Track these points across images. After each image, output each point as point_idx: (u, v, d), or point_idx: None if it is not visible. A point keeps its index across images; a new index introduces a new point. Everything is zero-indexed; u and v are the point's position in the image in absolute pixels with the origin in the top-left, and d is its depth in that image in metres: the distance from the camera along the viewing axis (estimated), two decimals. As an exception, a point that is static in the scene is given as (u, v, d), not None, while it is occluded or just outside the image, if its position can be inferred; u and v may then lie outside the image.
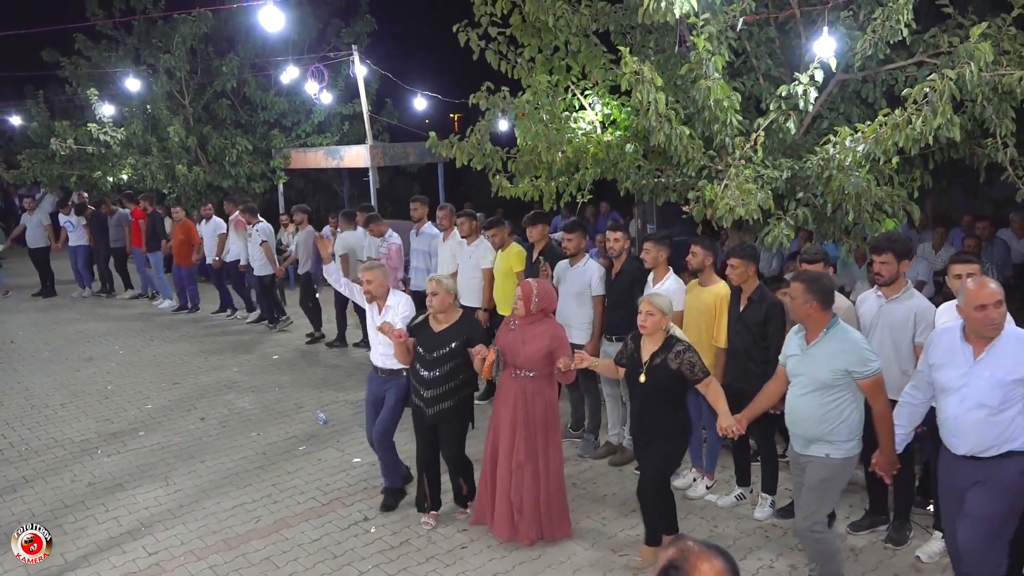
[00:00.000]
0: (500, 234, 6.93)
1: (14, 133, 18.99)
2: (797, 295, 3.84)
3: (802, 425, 3.87)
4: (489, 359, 4.65)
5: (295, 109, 14.57)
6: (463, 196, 15.51)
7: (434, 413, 4.85)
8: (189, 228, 11.47)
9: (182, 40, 13.24)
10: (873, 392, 3.77)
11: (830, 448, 3.81)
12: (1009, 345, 3.41)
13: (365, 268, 5.27)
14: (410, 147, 13.06)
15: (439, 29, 7.07)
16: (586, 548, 4.76)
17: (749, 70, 6.52)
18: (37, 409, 7.55)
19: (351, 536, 4.97)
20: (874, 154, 5.15)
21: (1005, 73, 5.07)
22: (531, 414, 4.69)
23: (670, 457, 4.47)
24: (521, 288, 4.80)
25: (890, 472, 3.92)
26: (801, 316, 3.87)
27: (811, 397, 3.82)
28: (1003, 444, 3.42)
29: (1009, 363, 3.38)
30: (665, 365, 4.28)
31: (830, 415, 3.78)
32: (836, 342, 3.78)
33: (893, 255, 4.45)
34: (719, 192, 5.33)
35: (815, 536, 3.90)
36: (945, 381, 3.57)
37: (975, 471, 3.49)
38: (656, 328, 4.32)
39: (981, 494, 3.48)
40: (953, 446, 3.57)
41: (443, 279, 4.94)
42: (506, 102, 6.37)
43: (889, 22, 5.34)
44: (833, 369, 3.75)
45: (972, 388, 3.45)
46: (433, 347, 4.82)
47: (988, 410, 3.41)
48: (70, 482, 5.88)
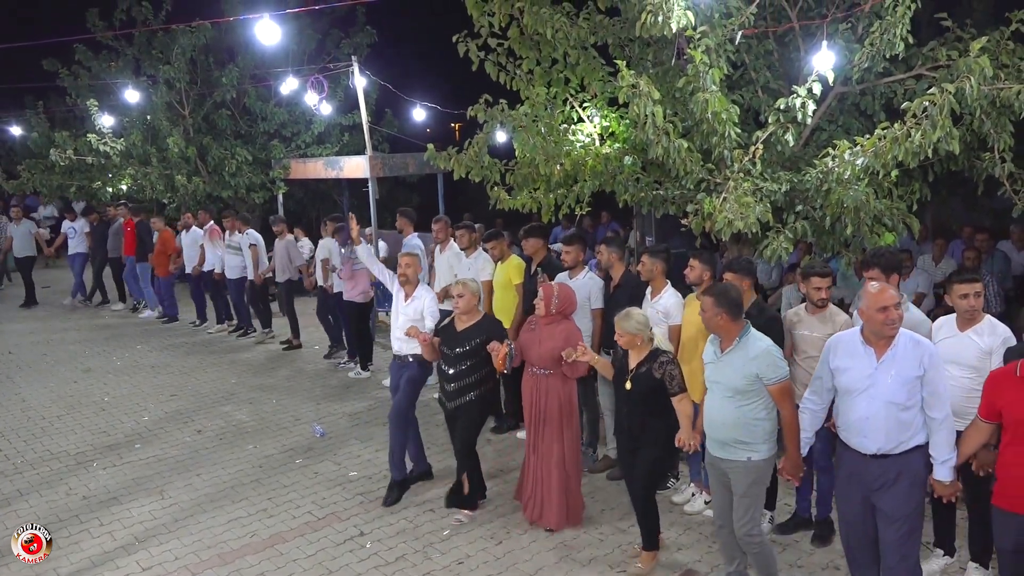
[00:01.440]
0: (499, 246, 6.92)
1: (14, 143, 19.01)
2: (707, 308, 3.97)
3: (720, 430, 4.00)
4: (502, 352, 4.94)
5: (295, 120, 14.56)
6: (463, 207, 15.49)
7: (454, 407, 5.26)
8: (166, 238, 11.55)
9: (182, 51, 13.25)
10: (780, 397, 3.91)
11: (751, 452, 3.94)
12: (907, 346, 3.59)
13: (402, 255, 5.78)
14: (410, 158, 13.04)
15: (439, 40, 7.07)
16: (583, 565, 4.72)
17: (748, 83, 6.52)
18: (33, 421, 7.52)
19: (347, 552, 4.93)
20: (873, 167, 5.14)
21: (1003, 87, 5.07)
22: (547, 409, 5.06)
23: (657, 465, 4.59)
24: (543, 290, 5.11)
25: (797, 475, 4.07)
26: (713, 328, 4.01)
27: (728, 402, 3.95)
28: (911, 439, 3.61)
29: (910, 362, 3.55)
30: (649, 374, 4.44)
31: (746, 419, 3.92)
32: (748, 349, 3.92)
33: (880, 270, 4.44)
34: (718, 205, 5.32)
35: (754, 540, 4.04)
36: (850, 383, 3.69)
37: (885, 469, 3.62)
38: (630, 345, 4.51)
39: (899, 493, 3.62)
40: (863, 446, 3.68)
41: (470, 282, 5.32)
42: (504, 114, 6.36)
43: (887, 35, 5.34)
44: (746, 375, 3.89)
45: (879, 388, 3.59)
46: (455, 344, 5.21)
47: (897, 407, 3.57)
48: (65, 495, 5.85)
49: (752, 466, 3.96)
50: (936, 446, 3.63)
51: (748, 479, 3.97)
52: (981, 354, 4.16)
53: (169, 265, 11.56)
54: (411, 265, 5.67)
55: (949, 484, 3.68)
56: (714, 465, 4.13)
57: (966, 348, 4.18)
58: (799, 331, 4.79)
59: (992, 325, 4.22)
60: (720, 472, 4.10)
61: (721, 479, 4.11)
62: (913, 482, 3.63)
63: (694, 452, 4.58)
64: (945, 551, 4.51)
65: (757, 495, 4.03)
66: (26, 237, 13.10)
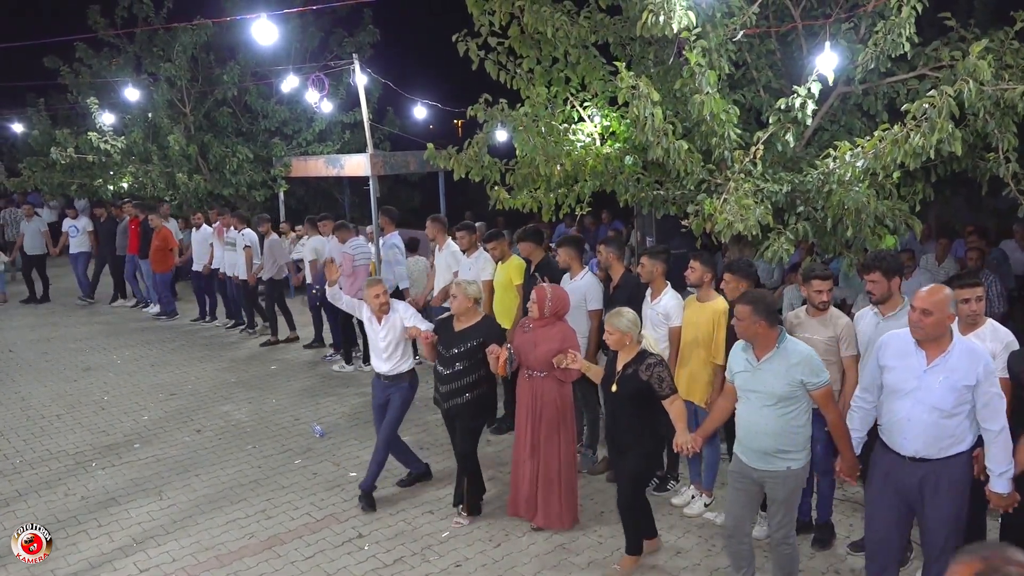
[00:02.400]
0: (500, 247, 6.90)
1: (16, 140, 19.01)
2: (744, 316, 3.90)
3: (760, 440, 3.93)
4: (502, 357, 4.95)
5: (296, 117, 14.55)
6: (464, 206, 15.45)
7: (449, 407, 5.25)
8: (166, 235, 11.57)
9: (183, 49, 13.24)
10: (824, 402, 3.90)
11: (790, 461, 3.91)
12: (961, 354, 3.55)
13: (370, 285, 5.50)
14: (411, 156, 13.01)
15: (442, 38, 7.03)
16: (582, 568, 4.70)
17: (749, 82, 6.47)
18: (33, 420, 7.51)
19: (345, 554, 4.91)
20: (874, 169, 5.10)
21: (1007, 88, 5.02)
22: (542, 411, 5.04)
23: (643, 467, 4.61)
24: (536, 292, 5.09)
25: (854, 475, 4.02)
26: (750, 336, 3.94)
27: (769, 411, 3.88)
28: (952, 446, 3.59)
29: (963, 370, 3.52)
30: (636, 376, 4.44)
31: (788, 427, 3.88)
32: (789, 355, 3.88)
33: (881, 273, 4.40)
34: (718, 206, 5.28)
35: (789, 542, 4.05)
36: (896, 383, 3.68)
37: (924, 472, 3.62)
38: (619, 344, 4.51)
39: (940, 499, 3.61)
40: (902, 447, 3.68)
41: (464, 284, 5.29)
42: (504, 114, 6.33)
43: (891, 35, 5.29)
44: (789, 382, 3.84)
45: (925, 392, 3.57)
46: (451, 345, 5.19)
47: (940, 413, 3.55)
48: (63, 496, 5.83)
49: (791, 475, 3.93)
50: (993, 459, 3.58)
51: (788, 487, 3.95)
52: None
53: (170, 261, 11.57)
54: (383, 294, 5.45)
55: (1007, 496, 3.62)
56: (745, 475, 4.03)
57: None
58: (800, 334, 4.74)
59: (994, 329, 4.18)
60: (751, 482, 4.02)
61: (747, 488, 4.05)
62: (953, 488, 3.60)
63: (694, 455, 4.54)
64: None
65: (794, 501, 4.06)
66: (37, 235, 13.11)
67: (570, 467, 5.15)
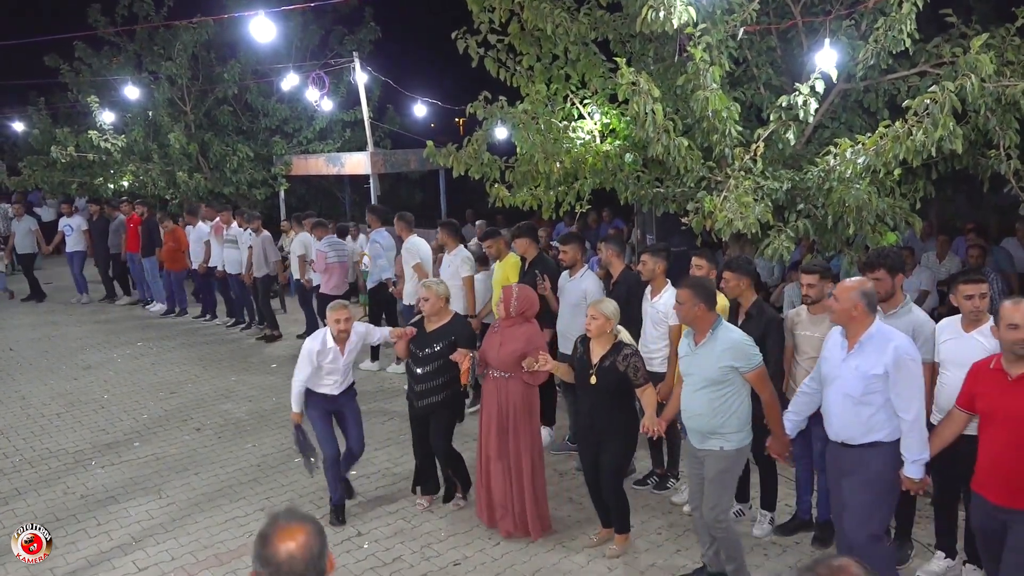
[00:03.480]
0: (496, 245, 6.91)
1: (17, 139, 19.01)
2: (685, 300, 4.08)
3: (697, 420, 4.12)
4: (464, 365, 4.99)
5: (297, 116, 14.55)
6: (465, 204, 15.43)
7: (423, 406, 5.23)
8: (179, 235, 11.60)
9: (183, 47, 13.23)
10: (759, 383, 4.09)
11: (723, 441, 4.08)
12: (873, 343, 3.72)
13: (333, 308, 5.21)
14: (411, 154, 13.03)
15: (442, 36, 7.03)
16: (582, 566, 4.68)
17: (750, 79, 6.46)
18: (33, 419, 7.51)
19: (344, 552, 4.90)
20: (875, 166, 5.08)
21: (1009, 84, 5.00)
22: (506, 413, 4.95)
23: (623, 455, 4.74)
24: (503, 292, 5.08)
25: (783, 454, 4.27)
26: (690, 320, 4.12)
27: (703, 393, 4.07)
28: (867, 434, 3.75)
29: (873, 359, 3.70)
30: (613, 367, 4.51)
31: (721, 408, 4.04)
32: (721, 341, 4.05)
33: (885, 270, 4.38)
34: (718, 204, 5.26)
35: (721, 525, 4.14)
36: (825, 371, 3.94)
37: (849, 458, 3.83)
38: (601, 332, 4.56)
39: (853, 484, 3.82)
40: (829, 432, 3.93)
41: (433, 284, 5.26)
42: (504, 111, 6.31)
43: (891, 32, 5.28)
44: (720, 366, 4.02)
45: (842, 380, 3.79)
46: (423, 345, 5.18)
47: (852, 400, 3.75)
48: (63, 494, 5.83)
49: (723, 455, 4.09)
50: (907, 447, 3.73)
51: (719, 466, 4.11)
52: (987, 355, 4.08)
53: (185, 260, 11.63)
54: (346, 321, 5.13)
55: (919, 481, 3.77)
56: (693, 454, 4.28)
57: (971, 349, 4.08)
58: (800, 331, 4.73)
59: None
60: (697, 461, 4.24)
61: (698, 468, 4.25)
62: (869, 475, 3.77)
63: (658, 437, 4.65)
64: (946, 553, 4.46)
65: (727, 483, 4.16)
66: (27, 234, 13.10)
67: (539, 472, 5.02)
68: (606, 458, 4.63)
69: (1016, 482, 3.44)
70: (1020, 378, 3.45)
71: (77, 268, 13.09)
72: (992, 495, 3.53)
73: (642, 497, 5.53)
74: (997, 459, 3.49)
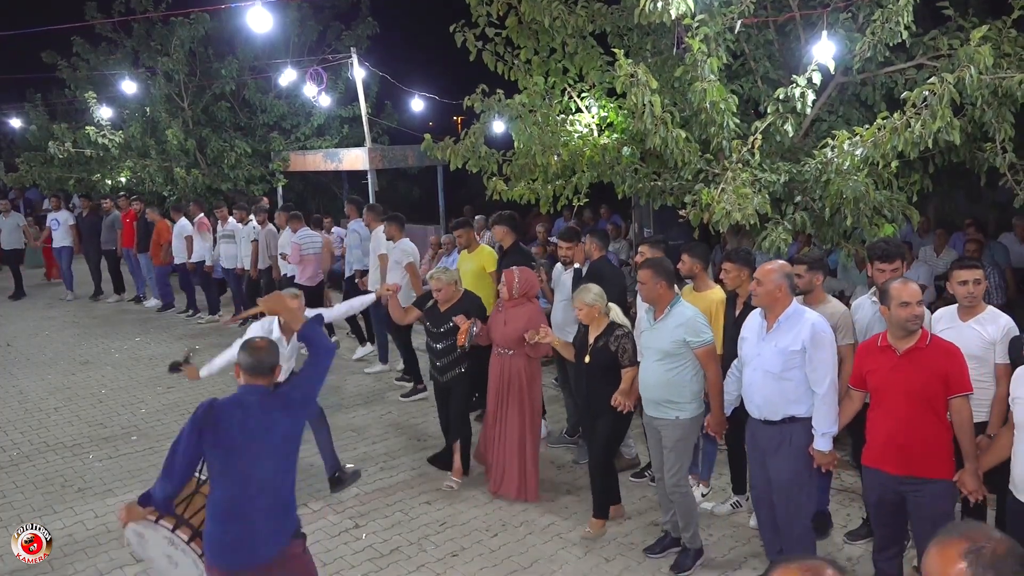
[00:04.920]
0: (466, 235, 7.04)
1: (15, 136, 18.98)
2: (647, 280, 4.36)
3: (652, 391, 4.42)
4: (464, 327, 5.31)
5: (295, 112, 14.53)
6: (464, 199, 15.41)
7: (447, 379, 5.61)
8: (161, 229, 11.62)
9: (180, 43, 13.20)
10: (705, 359, 4.33)
11: (678, 411, 4.36)
12: (789, 321, 3.92)
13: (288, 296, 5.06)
14: (409, 150, 13.01)
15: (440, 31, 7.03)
16: (579, 557, 4.69)
17: (747, 72, 6.46)
18: (31, 413, 7.50)
19: (341, 543, 4.90)
20: (873, 158, 5.08)
21: (1005, 76, 5.00)
22: (510, 388, 5.32)
23: (614, 433, 4.90)
24: (505, 276, 5.39)
25: (720, 432, 4.50)
26: (653, 297, 4.40)
27: (658, 365, 4.37)
28: (786, 408, 3.93)
29: (790, 336, 3.90)
30: (606, 347, 4.75)
31: (674, 380, 4.33)
32: (676, 317, 4.34)
33: (901, 261, 4.48)
34: (716, 196, 5.27)
35: (680, 491, 4.44)
36: (746, 352, 4.15)
37: (771, 435, 4.00)
38: (590, 318, 4.79)
39: (779, 460, 3.98)
40: (751, 410, 4.10)
41: (439, 275, 5.55)
42: (501, 104, 6.31)
43: (889, 24, 5.28)
44: (674, 340, 4.31)
45: (761, 358, 3.99)
46: (439, 323, 5.57)
47: (771, 376, 3.93)
48: (60, 487, 5.82)
49: (679, 424, 4.37)
50: (817, 420, 3.91)
51: (676, 435, 4.39)
52: (985, 344, 4.06)
53: (162, 255, 11.67)
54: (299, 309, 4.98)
55: (827, 454, 3.93)
56: (649, 424, 4.54)
57: (968, 338, 4.08)
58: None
59: (995, 315, 4.14)
60: (654, 430, 4.51)
61: (656, 437, 4.52)
62: (791, 451, 3.95)
63: (628, 411, 4.75)
64: None
65: (684, 450, 4.46)
66: (14, 230, 13.05)
67: (534, 442, 5.38)
68: (597, 431, 4.85)
69: (914, 452, 3.61)
70: (907, 352, 3.62)
71: (65, 264, 13.03)
72: (891, 467, 3.67)
73: (640, 489, 5.54)
74: (893, 432, 3.63)
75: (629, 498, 5.38)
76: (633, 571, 4.54)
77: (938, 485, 3.62)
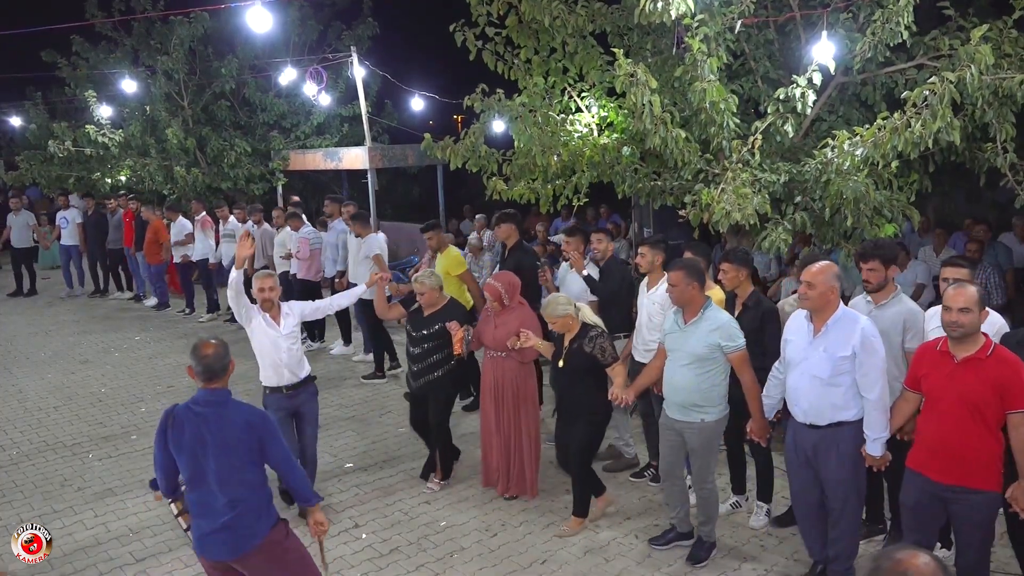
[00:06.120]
0: (436, 237, 7.10)
1: (14, 134, 18.97)
2: (678, 282, 4.29)
3: (680, 394, 4.37)
4: (459, 335, 5.25)
5: (294, 111, 14.52)
6: (463, 198, 15.43)
7: (420, 384, 5.50)
8: (157, 228, 11.63)
9: (180, 42, 13.19)
10: (739, 364, 4.30)
11: (704, 414, 4.33)
12: (839, 327, 3.87)
13: (261, 276, 5.12)
14: (409, 149, 12.99)
15: (440, 31, 7.03)
16: (579, 557, 4.69)
17: (747, 72, 6.46)
18: (30, 412, 7.50)
19: (341, 543, 4.90)
20: (873, 158, 5.08)
21: (1006, 76, 5.01)
22: (504, 390, 5.32)
23: (593, 434, 4.92)
24: (487, 291, 5.31)
25: (764, 436, 4.43)
26: (685, 300, 4.33)
27: (689, 369, 4.31)
28: (835, 414, 3.89)
29: (841, 341, 3.84)
30: (581, 350, 4.75)
31: (703, 384, 4.30)
32: (710, 321, 4.30)
33: (879, 261, 4.40)
34: (715, 196, 5.27)
35: (707, 487, 4.47)
36: (791, 355, 4.07)
37: (816, 438, 3.96)
38: (564, 328, 4.82)
39: (830, 462, 3.95)
40: (796, 413, 4.05)
41: (423, 279, 5.48)
42: (501, 104, 6.31)
43: (889, 24, 5.28)
44: (708, 344, 4.26)
45: (808, 363, 3.92)
46: (420, 327, 5.47)
47: (820, 381, 3.88)
48: (59, 487, 5.83)
49: (704, 426, 4.35)
50: (868, 425, 3.88)
51: (703, 437, 4.37)
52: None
53: (161, 253, 11.67)
54: (273, 288, 5.08)
55: (880, 458, 3.92)
56: (669, 427, 4.49)
57: None
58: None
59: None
60: (675, 432, 4.47)
61: (674, 439, 4.49)
62: (840, 454, 3.91)
63: (625, 406, 4.81)
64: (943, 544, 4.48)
65: (711, 451, 4.47)
66: (24, 228, 13.08)
67: (534, 441, 5.40)
68: (575, 435, 4.87)
69: (963, 461, 3.55)
70: (966, 360, 3.54)
71: (67, 261, 13.05)
72: (936, 474, 3.62)
73: (640, 489, 5.54)
74: (943, 439, 3.58)
75: (629, 498, 5.38)
76: (633, 571, 4.54)
77: (984, 496, 3.55)
